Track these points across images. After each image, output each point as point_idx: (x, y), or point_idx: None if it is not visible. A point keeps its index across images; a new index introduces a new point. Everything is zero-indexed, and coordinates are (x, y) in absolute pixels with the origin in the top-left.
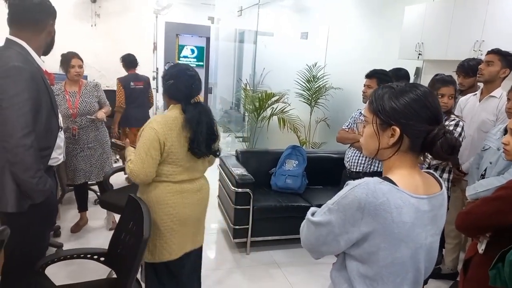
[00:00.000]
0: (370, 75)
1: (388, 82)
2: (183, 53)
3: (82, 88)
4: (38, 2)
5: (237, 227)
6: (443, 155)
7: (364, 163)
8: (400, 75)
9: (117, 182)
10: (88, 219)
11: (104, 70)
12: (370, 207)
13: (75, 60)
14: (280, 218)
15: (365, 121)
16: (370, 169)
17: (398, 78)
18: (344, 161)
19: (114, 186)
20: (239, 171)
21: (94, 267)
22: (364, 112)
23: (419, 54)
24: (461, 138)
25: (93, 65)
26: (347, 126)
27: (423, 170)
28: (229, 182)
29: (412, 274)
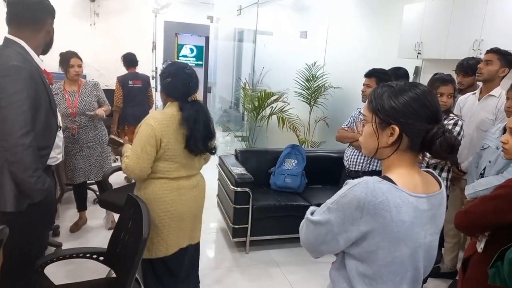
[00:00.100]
0: (369, 74)
1: (387, 81)
2: (182, 52)
3: (81, 87)
4: (37, 1)
5: (236, 226)
6: (442, 154)
7: (363, 162)
8: (399, 74)
9: (116, 182)
10: (87, 219)
11: (103, 69)
12: (369, 206)
13: (74, 59)
14: (279, 217)
15: (364, 120)
16: (369, 168)
17: (397, 77)
18: (343, 160)
19: (113, 185)
20: (239, 171)
21: (93, 267)
22: (363, 111)
23: (418, 53)
24: (460, 137)
25: (92, 64)
26: (347, 125)
27: (422, 169)
28: (228, 181)
29: (411, 273)
